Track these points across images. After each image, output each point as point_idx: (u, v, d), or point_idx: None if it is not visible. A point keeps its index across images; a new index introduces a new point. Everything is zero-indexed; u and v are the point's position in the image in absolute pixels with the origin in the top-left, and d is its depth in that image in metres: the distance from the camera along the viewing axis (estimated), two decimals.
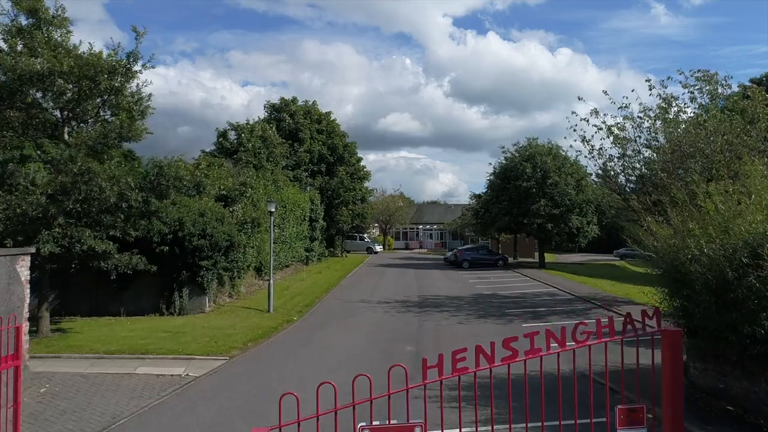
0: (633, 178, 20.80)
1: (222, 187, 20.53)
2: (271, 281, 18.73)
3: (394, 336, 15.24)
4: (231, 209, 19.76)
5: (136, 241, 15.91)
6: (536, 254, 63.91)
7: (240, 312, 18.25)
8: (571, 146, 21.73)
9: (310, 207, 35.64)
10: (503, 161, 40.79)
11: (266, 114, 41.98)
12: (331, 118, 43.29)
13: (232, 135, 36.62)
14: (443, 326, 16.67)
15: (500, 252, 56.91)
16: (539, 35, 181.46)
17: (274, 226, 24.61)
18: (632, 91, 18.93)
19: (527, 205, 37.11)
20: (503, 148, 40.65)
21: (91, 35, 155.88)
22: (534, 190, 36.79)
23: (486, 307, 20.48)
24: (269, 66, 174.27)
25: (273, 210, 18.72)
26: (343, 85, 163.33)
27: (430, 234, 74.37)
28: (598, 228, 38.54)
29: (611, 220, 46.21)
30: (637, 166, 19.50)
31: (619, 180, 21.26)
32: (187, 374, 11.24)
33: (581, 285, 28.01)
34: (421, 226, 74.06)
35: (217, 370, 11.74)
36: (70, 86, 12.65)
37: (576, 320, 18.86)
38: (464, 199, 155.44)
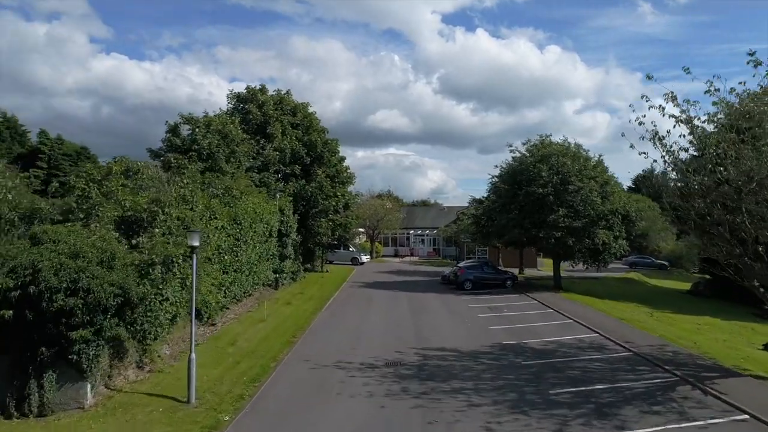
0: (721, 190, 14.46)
1: (128, 207, 13.85)
2: (192, 355, 12.06)
3: None
4: (136, 240, 13.11)
5: None
6: (538, 262, 58.10)
7: (140, 408, 11.58)
8: (632, 146, 15.04)
9: (280, 219, 29.00)
10: (511, 162, 34.51)
11: (231, 106, 35.20)
12: (309, 110, 36.60)
13: (185, 130, 29.87)
14: None
15: (501, 263, 50.96)
16: (528, 33, 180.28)
17: (214, 255, 18.00)
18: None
19: (543, 215, 30.85)
20: (511, 146, 34.39)
21: (74, 30, 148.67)
22: (551, 197, 30.51)
23: (517, 380, 14.05)
24: (257, 62, 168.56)
25: (196, 243, 12.05)
26: (332, 81, 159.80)
27: (422, 239, 68.06)
28: (627, 243, 32.38)
29: (641, 233, 40.39)
30: (744, 178, 13.15)
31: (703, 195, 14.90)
32: None
33: (623, 324, 21.75)
34: (412, 231, 67.70)
35: None
36: None
37: (672, 424, 10.09)
38: (454, 196, 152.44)
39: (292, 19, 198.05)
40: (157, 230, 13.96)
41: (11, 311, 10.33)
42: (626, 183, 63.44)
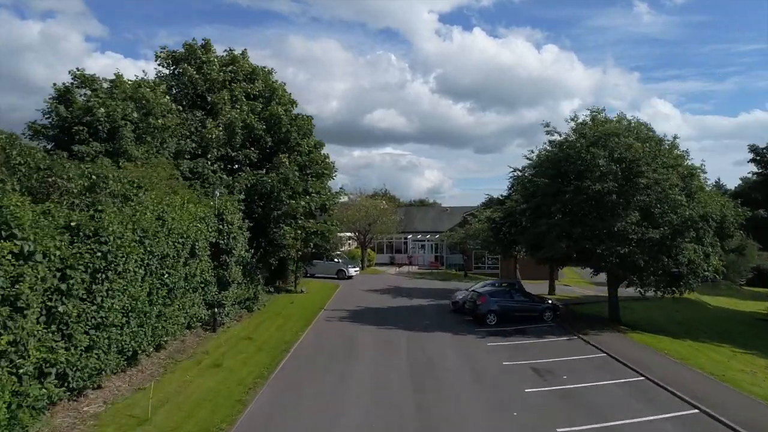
0: None
1: None
2: None
3: None
4: None
5: None
6: (558, 273, 49.00)
7: None
8: None
9: (218, 227, 19.47)
10: (550, 148, 25.17)
11: (162, 69, 25.58)
12: (273, 79, 27.04)
13: (81, 95, 20.43)
14: None
15: (518, 276, 41.69)
16: (525, 32, 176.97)
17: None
18: None
19: (602, 222, 21.49)
20: (548, 126, 24.92)
21: (69, 28, 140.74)
22: (614, 196, 21.16)
23: None
24: (253, 61, 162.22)
25: None
26: (329, 80, 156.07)
27: (422, 245, 58.63)
28: (722, 262, 22.98)
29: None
30: None
31: None
32: None
33: None
34: (410, 236, 58.21)
35: None
36: None
37: None
38: (450, 196, 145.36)
39: (289, 18, 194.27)
40: None
41: None
42: None
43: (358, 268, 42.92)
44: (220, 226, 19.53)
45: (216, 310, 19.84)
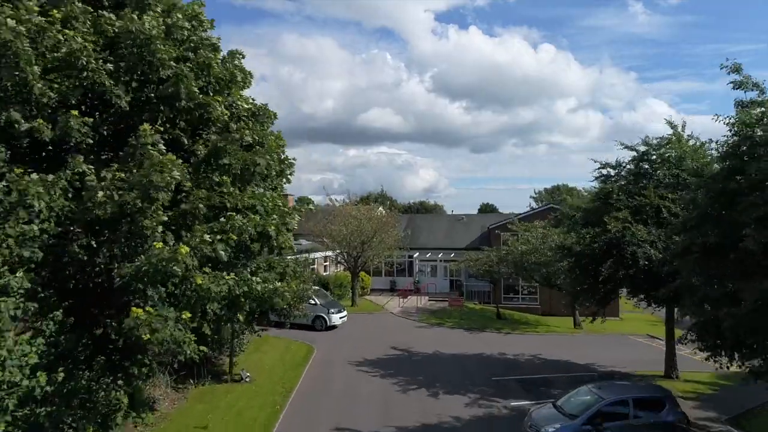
0: None
1: None
2: None
3: None
4: None
5: None
6: (619, 307, 35.35)
7: None
8: None
9: None
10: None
11: None
12: None
13: None
14: None
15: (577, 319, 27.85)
16: (522, 31, 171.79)
17: None
18: None
19: None
20: (745, 76, 10.70)
21: None
22: None
23: None
24: (246, 61, 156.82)
25: None
26: (324, 79, 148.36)
27: (433, 268, 44.48)
28: None
29: None
30: None
31: None
32: None
33: None
34: (416, 254, 43.94)
35: None
36: None
37: None
38: (446, 195, 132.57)
39: (283, 16, 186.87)
40: None
41: None
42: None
43: (344, 313, 28.66)
44: None
45: None
